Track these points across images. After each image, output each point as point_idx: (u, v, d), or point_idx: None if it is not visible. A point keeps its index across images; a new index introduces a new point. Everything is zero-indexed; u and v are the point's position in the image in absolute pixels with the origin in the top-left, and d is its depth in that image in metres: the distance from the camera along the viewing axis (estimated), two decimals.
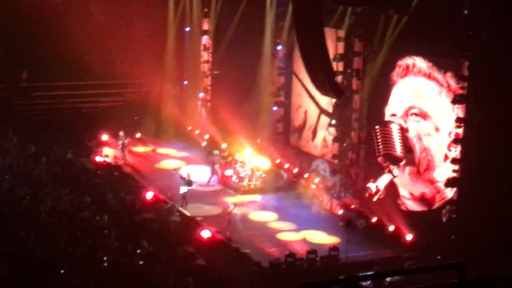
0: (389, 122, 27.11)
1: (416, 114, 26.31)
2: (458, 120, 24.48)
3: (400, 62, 26.76)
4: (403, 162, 26.81)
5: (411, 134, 26.48)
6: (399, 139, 26.67)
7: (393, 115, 27.14)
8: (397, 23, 26.34)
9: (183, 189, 28.86)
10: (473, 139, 24.28)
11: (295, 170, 32.10)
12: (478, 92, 23.96)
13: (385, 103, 27.49)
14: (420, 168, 26.33)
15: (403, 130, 26.64)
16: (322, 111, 31.09)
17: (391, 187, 27.46)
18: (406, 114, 26.64)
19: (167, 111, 37.49)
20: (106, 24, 38.62)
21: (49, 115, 37.20)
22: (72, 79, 38.39)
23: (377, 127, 27.19)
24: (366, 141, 28.72)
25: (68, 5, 38.65)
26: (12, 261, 21.71)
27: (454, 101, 24.46)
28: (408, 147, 26.53)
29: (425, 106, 26.01)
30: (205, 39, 38.02)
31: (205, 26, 37.87)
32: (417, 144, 26.38)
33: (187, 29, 38.46)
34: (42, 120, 36.44)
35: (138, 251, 23.25)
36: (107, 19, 38.83)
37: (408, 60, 26.45)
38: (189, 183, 29.19)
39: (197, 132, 37.49)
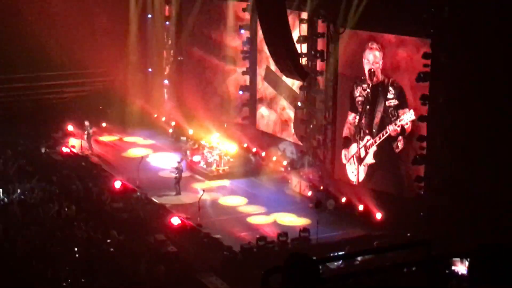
0: None
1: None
2: (423, 97, 24.58)
3: (363, 42, 26.84)
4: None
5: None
6: None
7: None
8: (359, 2, 26.35)
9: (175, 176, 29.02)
10: (438, 116, 24.43)
11: (263, 154, 32.14)
12: (442, 70, 24.08)
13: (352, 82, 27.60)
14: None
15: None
16: None
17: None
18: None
19: (132, 99, 37.26)
20: (67, 13, 38.22)
21: (13, 107, 36.80)
22: (34, 70, 37.97)
23: None
24: (332, 122, 28.79)
25: None
26: None
27: (418, 79, 24.53)
28: None
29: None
30: (168, 25, 37.76)
31: (167, 12, 37.61)
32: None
33: (149, 16, 38.17)
34: (6, 113, 36.02)
35: (108, 241, 23.14)
36: (67, 8, 38.39)
37: (372, 40, 26.55)
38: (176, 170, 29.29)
39: (163, 119, 37.33)
